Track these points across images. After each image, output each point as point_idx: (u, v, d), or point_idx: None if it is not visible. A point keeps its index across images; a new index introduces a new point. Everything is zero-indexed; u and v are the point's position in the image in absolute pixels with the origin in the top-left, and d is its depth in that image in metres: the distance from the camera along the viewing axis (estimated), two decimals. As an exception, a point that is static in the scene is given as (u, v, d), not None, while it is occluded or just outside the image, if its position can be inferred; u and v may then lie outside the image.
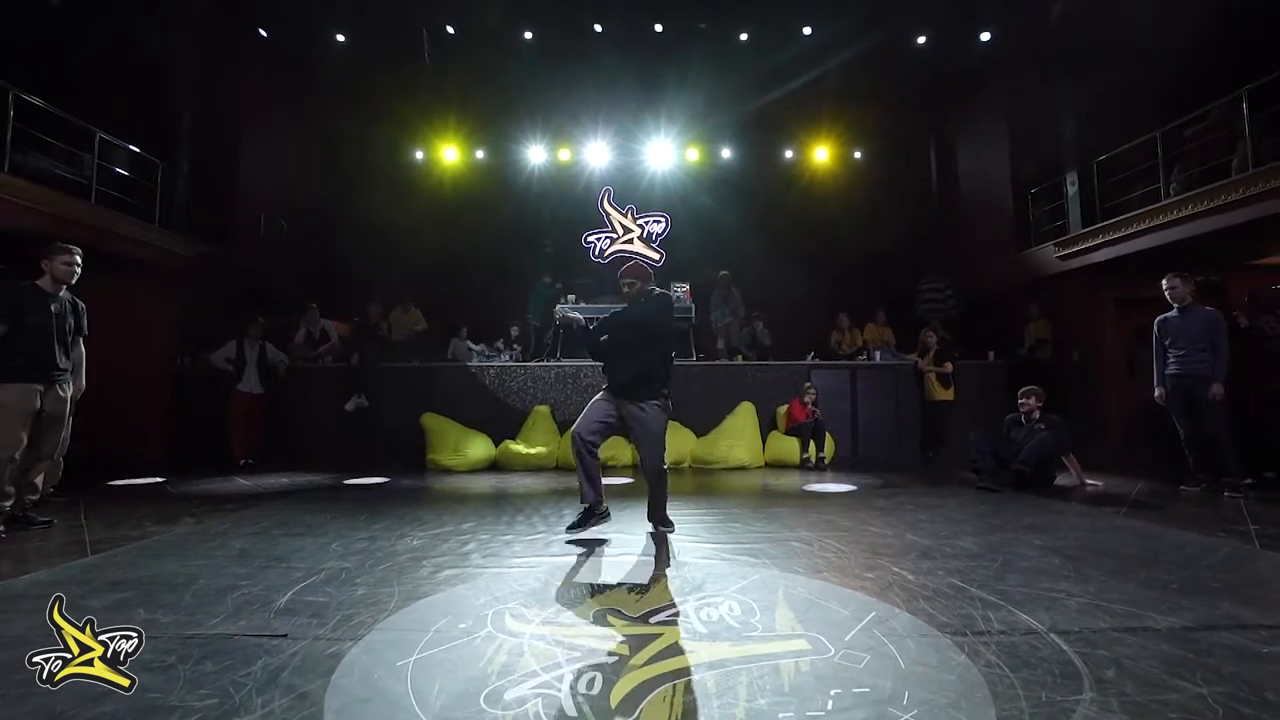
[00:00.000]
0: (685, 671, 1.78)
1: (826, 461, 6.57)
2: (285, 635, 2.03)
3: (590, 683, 1.71)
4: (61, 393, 3.69)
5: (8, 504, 3.50)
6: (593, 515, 3.47)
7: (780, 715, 1.53)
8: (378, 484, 5.50)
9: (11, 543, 3.30)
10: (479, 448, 6.62)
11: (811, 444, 6.51)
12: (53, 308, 3.65)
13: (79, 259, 3.75)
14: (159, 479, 5.65)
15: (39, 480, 3.74)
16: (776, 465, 6.63)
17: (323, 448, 6.89)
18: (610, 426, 3.49)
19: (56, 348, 3.64)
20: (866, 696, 1.61)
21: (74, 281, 3.76)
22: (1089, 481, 5.11)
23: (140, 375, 6.96)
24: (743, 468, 6.52)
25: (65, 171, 6.24)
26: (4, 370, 3.48)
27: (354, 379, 7.00)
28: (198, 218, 7.78)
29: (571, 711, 1.57)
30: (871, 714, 1.53)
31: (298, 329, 7.59)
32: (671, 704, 1.60)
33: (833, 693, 1.63)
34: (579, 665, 1.82)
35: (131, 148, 6.93)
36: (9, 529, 3.52)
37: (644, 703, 1.60)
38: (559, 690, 1.67)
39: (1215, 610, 2.21)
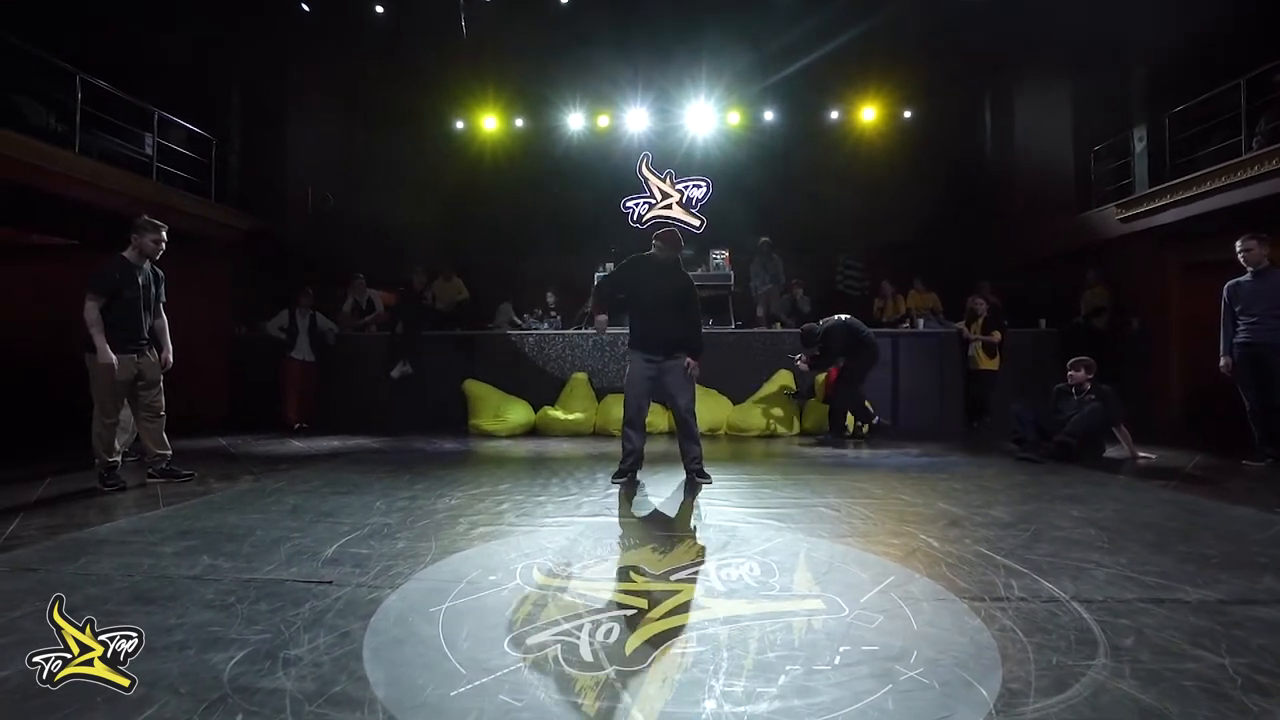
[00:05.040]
0: (699, 625, 1.85)
1: (864, 430, 6.49)
2: (331, 582, 2.20)
3: (608, 632, 1.80)
4: (152, 358, 3.96)
5: (115, 458, 3.81)
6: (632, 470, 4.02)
7: (787, 668, 1.58)
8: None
9: (98, 496, 3.63)
10: (519, 413, 6.81)
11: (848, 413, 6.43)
12: (140, 280, 3.84)
13: (165, 235, 3.93)
14: (220, 440, 6.05)
15: (165, 437, 4.02)
16: (812, 433, 6.59)
17: (370, 413, 7.20)
18: (652, 396, 3.95)
19: (143, 317, 3.88)
20: (874, 654, 1.65)
21: (159, 257, 3.95)
22: (1141, 454, 4.90)
23: (200, 343, 7.37)
24: (777, 435, 6.51)
25: (127, 149, 6.58)
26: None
27: (399, 347, 7.25)
28: (249, 192, 8.11)
29: (588, 657, 1.66)
30: (876, 670, 1.56)
31: (345, 299, 7.89)
32: (684, 653, 1.68)
33: (841, 649, 1.68)
34: (599, 616, 1.91)
35: (187, 125, 7.24)
36: (157, 480, 3.94)
37: (656, 651, 1.68)
38: (578, 638, 1.76)
39: (1255, 585, 2.14)
